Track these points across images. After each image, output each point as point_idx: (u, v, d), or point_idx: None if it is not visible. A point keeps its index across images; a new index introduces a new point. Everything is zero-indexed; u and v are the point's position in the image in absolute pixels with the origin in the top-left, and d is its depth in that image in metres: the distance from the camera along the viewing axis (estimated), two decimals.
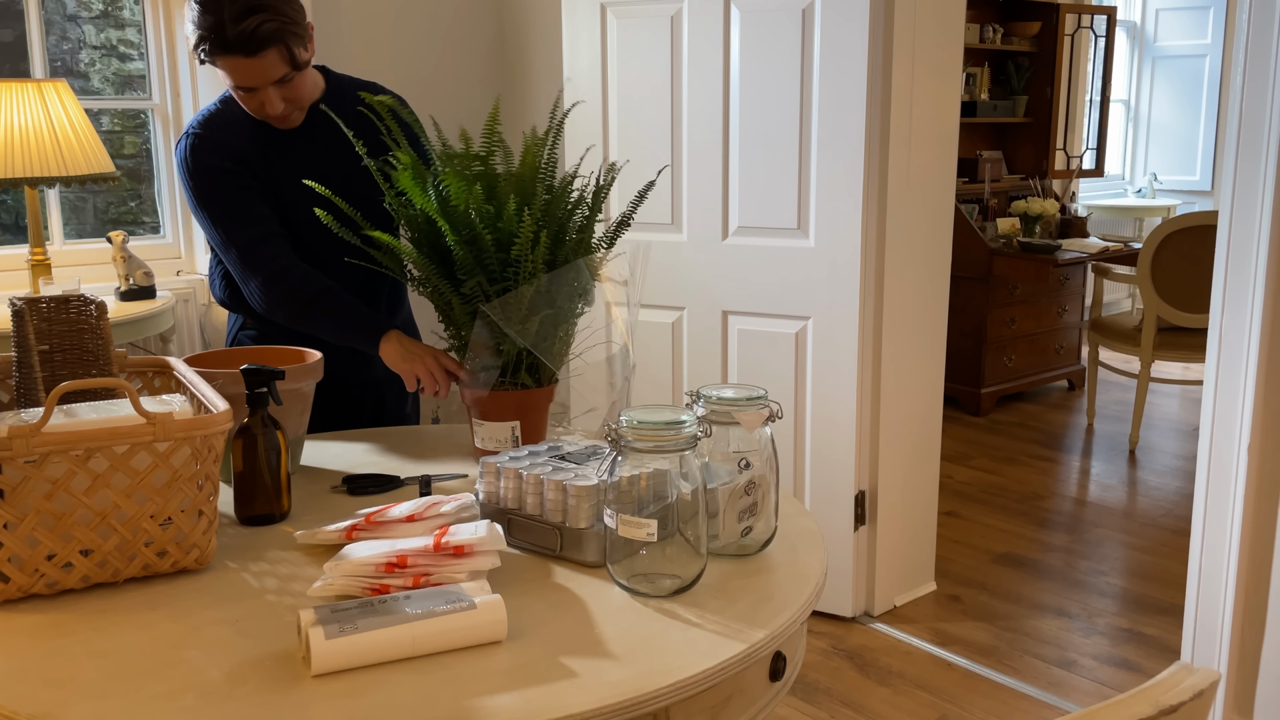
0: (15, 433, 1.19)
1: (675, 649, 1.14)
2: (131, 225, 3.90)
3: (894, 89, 2.83)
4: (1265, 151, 2.21)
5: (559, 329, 1.71)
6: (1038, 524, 3.82)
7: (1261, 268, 2.24)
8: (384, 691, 1.05)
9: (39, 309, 1.53)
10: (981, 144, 6.00)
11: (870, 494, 3.05)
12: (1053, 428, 5.00)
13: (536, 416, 1.75)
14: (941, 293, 3.13)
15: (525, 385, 1.71)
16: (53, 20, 3.65)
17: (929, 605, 3.19)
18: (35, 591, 1.25)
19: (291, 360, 1.78)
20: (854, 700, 2.67)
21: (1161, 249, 4.38)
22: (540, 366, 1.72)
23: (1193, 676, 0.89)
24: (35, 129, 3.05)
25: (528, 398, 1.72)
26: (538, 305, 1.65)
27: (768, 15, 2.88)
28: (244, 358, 1.79)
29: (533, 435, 1.75)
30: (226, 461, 1.60)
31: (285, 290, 1.92)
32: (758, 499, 1.38)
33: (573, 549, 1.35)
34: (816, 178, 2.88)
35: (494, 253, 1.64)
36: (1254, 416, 2.29)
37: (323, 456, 1.83)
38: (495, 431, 1.72)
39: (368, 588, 1.23)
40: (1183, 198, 7.33)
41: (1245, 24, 2.23)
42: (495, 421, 1.72)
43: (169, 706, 1.02)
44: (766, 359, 3.04)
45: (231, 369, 1.71)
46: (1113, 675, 2.79)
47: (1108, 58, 6.19)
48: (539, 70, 4.04)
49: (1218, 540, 2.37)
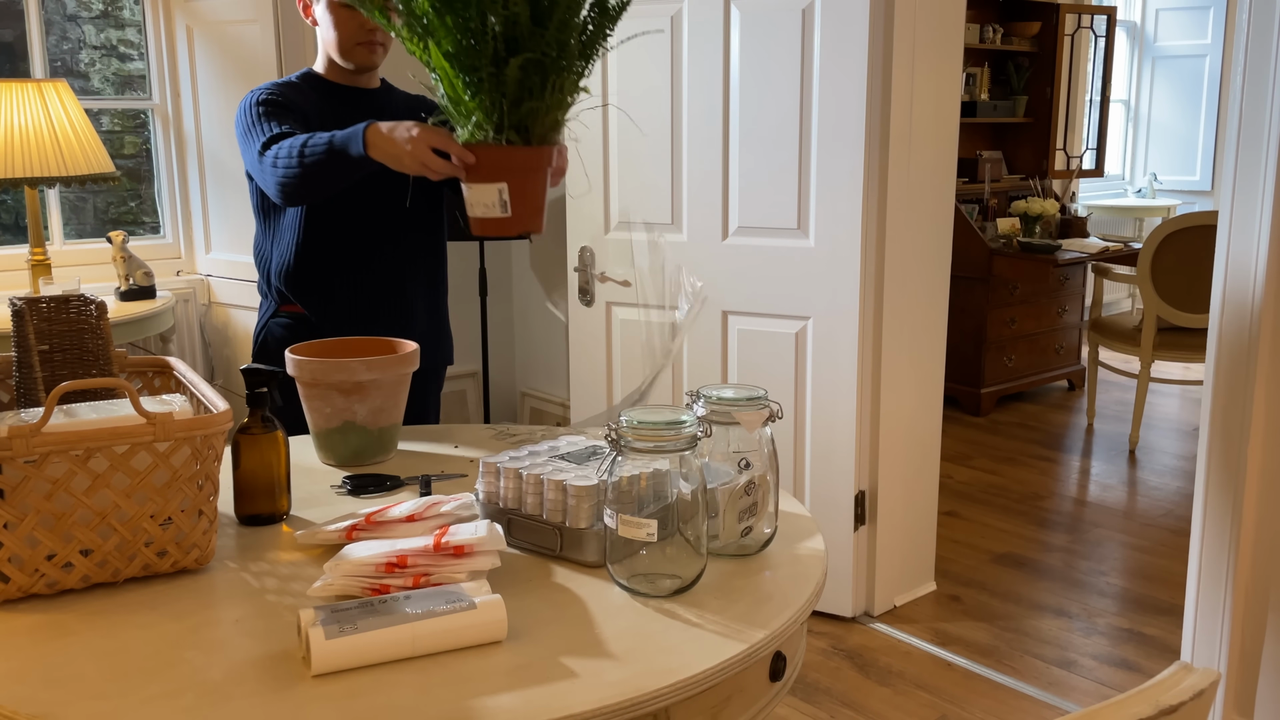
0: (15, 433, 1.19)
1: (675, 649, 1.14)
2: (131, 225, 3.90)
3: (894, 89, 2.83)
4: (1265, 151, 2.21)
5: (549, 81, 1.56)
6: (1038, 524, 3.82)
7: (1261, 268, 2.24)
8: (384, 691, 1.05)
9: (39, 309, 1.53)
10: (981, 144, 5.99)
11: (870, 494, 3.05)
12: (1053, 428, 5.00)
13: (527, 181, 1.62)
14: (941, 293, 3.13)
15: (512, 142, 1.58)
16: (53, 20, 3.65)
17: (929, 605, 3.19)
18: (35, 591, 1.25)
19: (385, 350, 1.83)
20: (854, 700, 2.67)
21: (1161, 249, 4.38)
22: (532, 123, 1.58)
23: (1193, 676, 0.89)
24: (35, 129, 3.05)
25: (514, 156, 1.59)
26: (518, 45, 1.52)
27: (768, 15, 2.88)
28: (340, 349, 1.82)
29: (524, 203, 1.63)
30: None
31: (281, 148, 1.99)
32: (758, 499, 1.38)
33: (573, 549, 1.35)
34: (816, 178, 2.88)
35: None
36: (1254, 416, 2.29)
37: None
38: (481, 195, 1.61)
39: (368, 588, 1.23)
40: (1183, 198, 7.33)
41: (1245, 24, 2.23)
42: (480, 183, 1.61)
43: (169, 706, 1.02)
44: (766, 359, 3.04)
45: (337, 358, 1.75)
46: (1113, 675, 2.79)
47: (1108, 58, 6.19)
48: None
49: (1218, 540, 2.37)
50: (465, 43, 1.53)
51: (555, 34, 1.55)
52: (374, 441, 1.74)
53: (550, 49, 1.55)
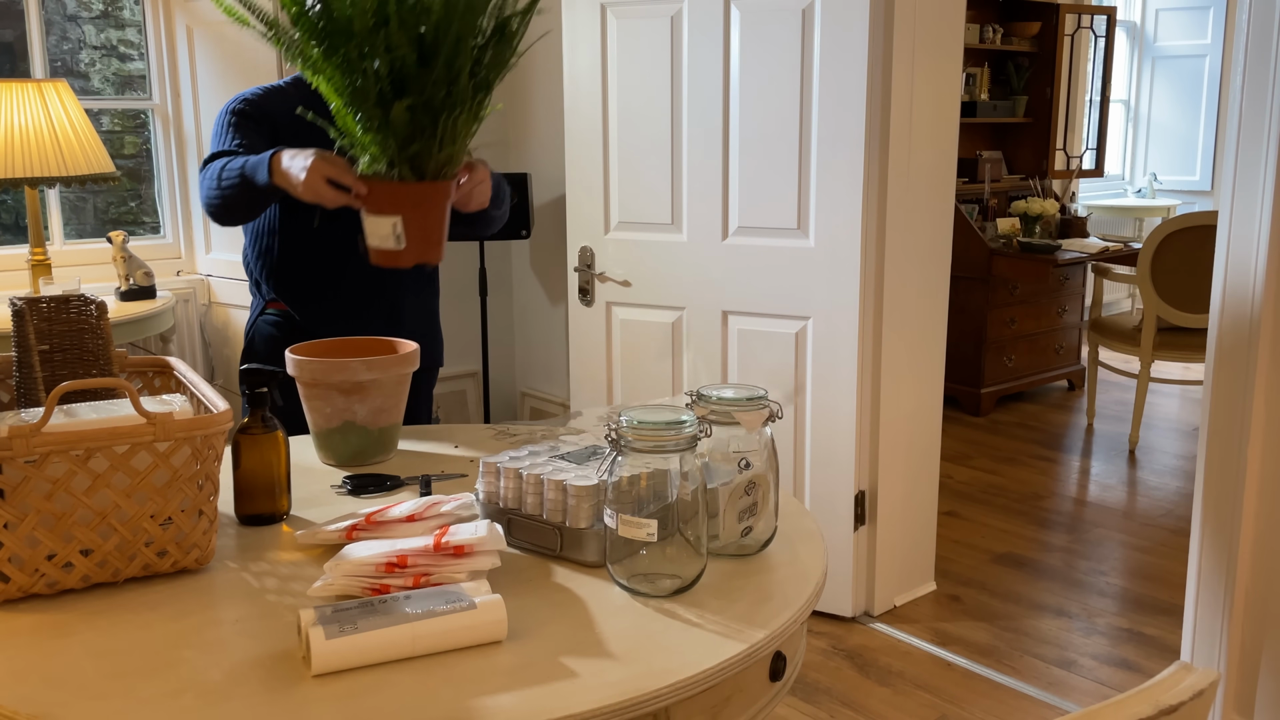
0: (15, 433, 1.19)
1: (675, 649, 1.14)
2: (131, 225, 3.90)
3: (894, 89, 2.83)
4: (1265, 151, 2.21)
5: (440, 120, 1.56)
6: (1038, 524, 3.82)
7: (1261, 268, 2.24)
8: (384, 691, 1.05)
9: (39, 309, 1.53)
10: (981, 144, 5.99)
11: (870, 494, 3.05)
12: (1053, 428, 5.00)
13: (423, 214, 1.63)
14: (941, 293, 3.13)
15: (405, 178, 1.59)
16: (53, 20, 3.65)
17: (929, 605, 3.19)
18: (35, 591, 1.25)
19: (385, 350, 1.84)
20: (854, 700, 2.67)
21: (1161, 249, 4.38)
22: (423, 158, 1.58)
23: (1193, 676, 0.90)
24: (35, 129, 3.05)
25: (408, 191, 1.60)
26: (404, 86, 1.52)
27: (768, 15, 2.88)
28: (340, 349, 1.82)
29: (420, 236, 1.64)
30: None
31: (210, 170, 2.03)
32: (758, 499, 1.38)
33: (573, 549, 1.35)
34: (816, 178, 2.88)
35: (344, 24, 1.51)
36: (1254, 416, 2.29)
37: None
38: (376, 226, 1.63)
39: (368, 588, 1.23)
40: (1183, 198, 7.32)
41: (1245, 24, 2.23)
42: (375, 215, 1.62)
43: (169, 706, 1.02)
44: (766, 359, 3.04)
45: (337, 358, 1.75)
46: (1113, 675, 2.79)
47: (1108, 58, 6.19)
48: (539, 70, 4.04)
49: (1218, 540, 2.37)
50: (352, 82, 1.54)
51: (443, 74, 1.54)
52: (374, 441, 1.74)
53: (438, 89, 1.54)
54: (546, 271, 4.26)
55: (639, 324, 3.25)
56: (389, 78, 1.52)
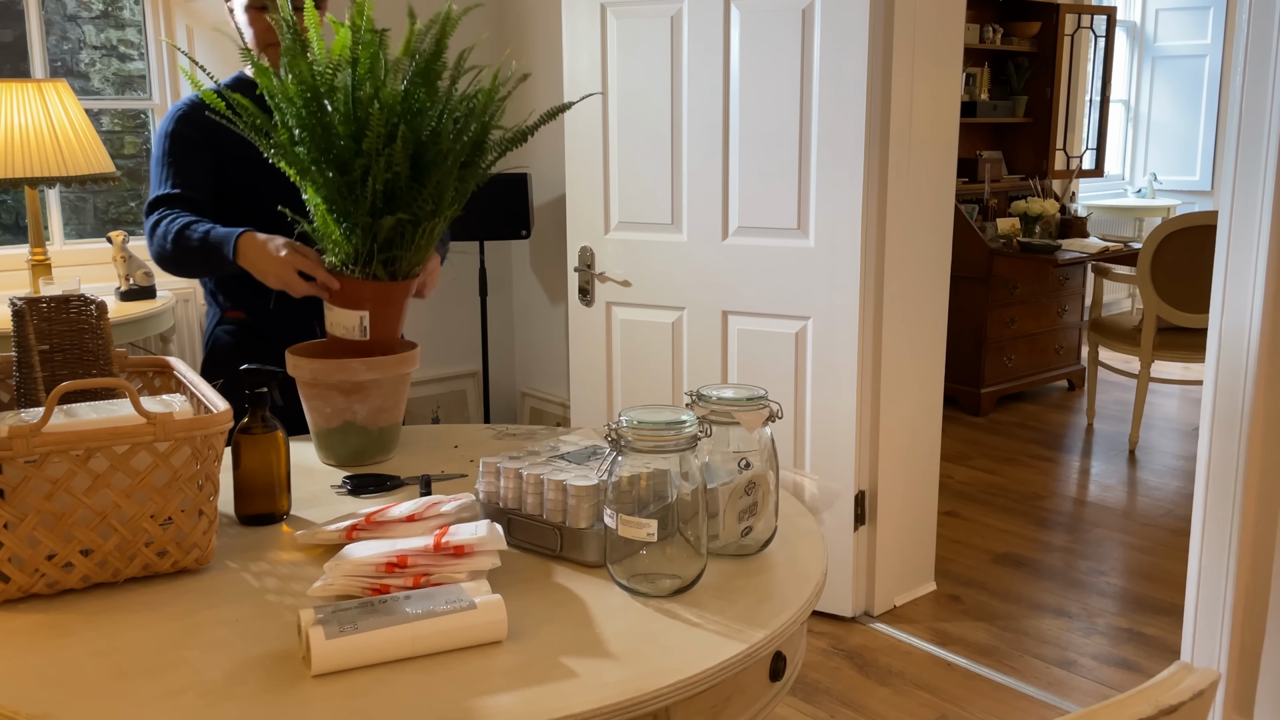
0: (15, 433, 1.19)
1: (675, 649, 1.14)
2: (131, 225, 3.90)
3: (894, 89, 2.83)
4: (1265, 151, 2.21)
5: (420, 228, 1.68)
6: (1038, 524, 3.82)
7: (1261, 268, 2.24)
8: (384, 691, 1.05)
9: (39, 309, 1.53)
10: (981, 144, 5.99)
11: (870, 494, 3.05)
12: (1053, 428, 5.00)
13: (388, 310, 1.73)
14: (941, 293, 3.13)
15: (378, 277, 1.70)
16: (53, 20, 3.65)
17: (929, 605, 3.19)
18: (35, 591, 1.25)
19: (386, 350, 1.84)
20: (854, 700, 2.67)
21: (1161, 249, 4.38)
22: (397, 260, 1.70)
23: (1193, 676, 0.90)
24: (35, 129, 3.05)
25: (379, 290, 1.70)
26: (396, 204, 1.62)
27: (768, 15, 2.88)
28: (340, 349, 1.81)
29: (383, 329, 1.73)
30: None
31: (162, 224, 2.03)
32: (758, 499, 1.38)
33: (573, 549, 1.35)
34: (816, 178, 2.88)
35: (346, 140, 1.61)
36: (1254, 416, 2.29)
37: None
38: (342, 318, 1.72)
39: (368, 588, 1.23)
40: (1183, 198, 7.32)
41: (1245, 24, 2.23)
42: (344, 309, 1.71)
43: (169, 706, 1.02)
44: (766, 359, 3.04)
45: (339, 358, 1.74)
46: (1113, 675, 2.79)
47: (1108, 58, 6.19)
48: (539, 70, 4.03)
49: (1218, 540, 2.37)
50: (342, 191, 1.62)
51: (432, 191, 1.65)
52: (374, 441, 1.74)
53: (426, 204, 1.65)
54: (546, 271, 4.26)
55: (639, 324, 3.25)
56: (382, 193, 1.62)
